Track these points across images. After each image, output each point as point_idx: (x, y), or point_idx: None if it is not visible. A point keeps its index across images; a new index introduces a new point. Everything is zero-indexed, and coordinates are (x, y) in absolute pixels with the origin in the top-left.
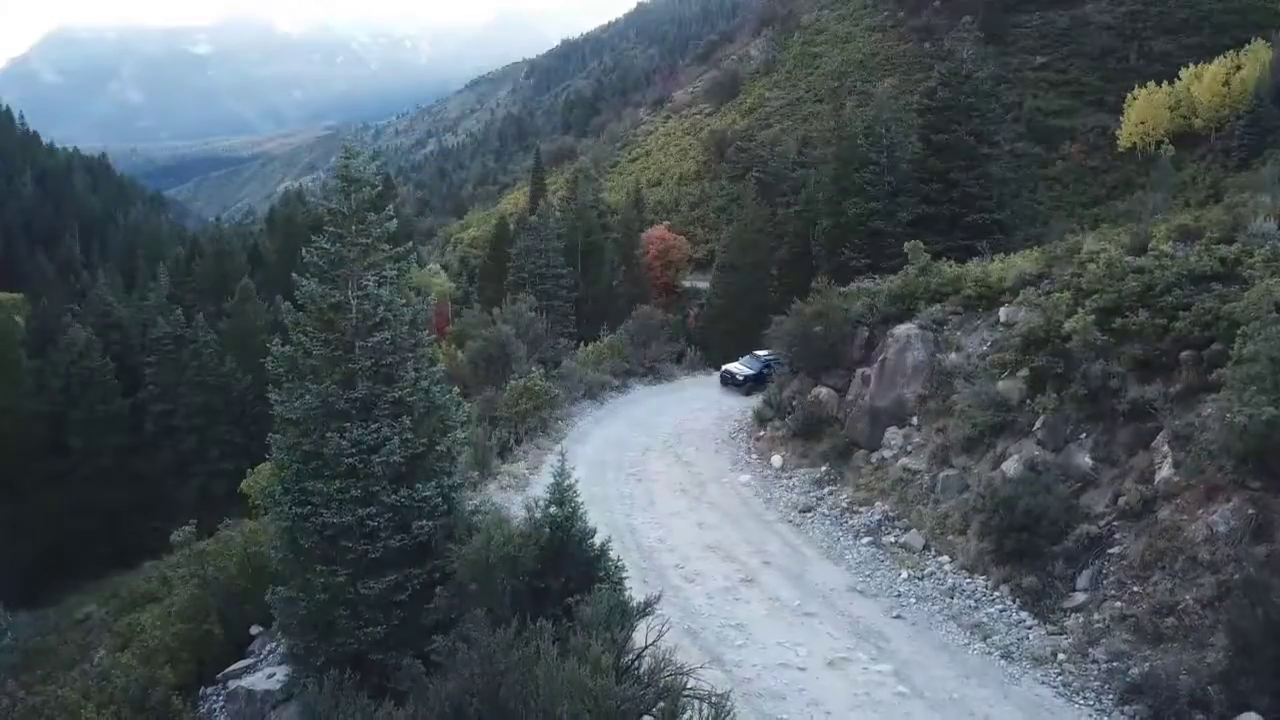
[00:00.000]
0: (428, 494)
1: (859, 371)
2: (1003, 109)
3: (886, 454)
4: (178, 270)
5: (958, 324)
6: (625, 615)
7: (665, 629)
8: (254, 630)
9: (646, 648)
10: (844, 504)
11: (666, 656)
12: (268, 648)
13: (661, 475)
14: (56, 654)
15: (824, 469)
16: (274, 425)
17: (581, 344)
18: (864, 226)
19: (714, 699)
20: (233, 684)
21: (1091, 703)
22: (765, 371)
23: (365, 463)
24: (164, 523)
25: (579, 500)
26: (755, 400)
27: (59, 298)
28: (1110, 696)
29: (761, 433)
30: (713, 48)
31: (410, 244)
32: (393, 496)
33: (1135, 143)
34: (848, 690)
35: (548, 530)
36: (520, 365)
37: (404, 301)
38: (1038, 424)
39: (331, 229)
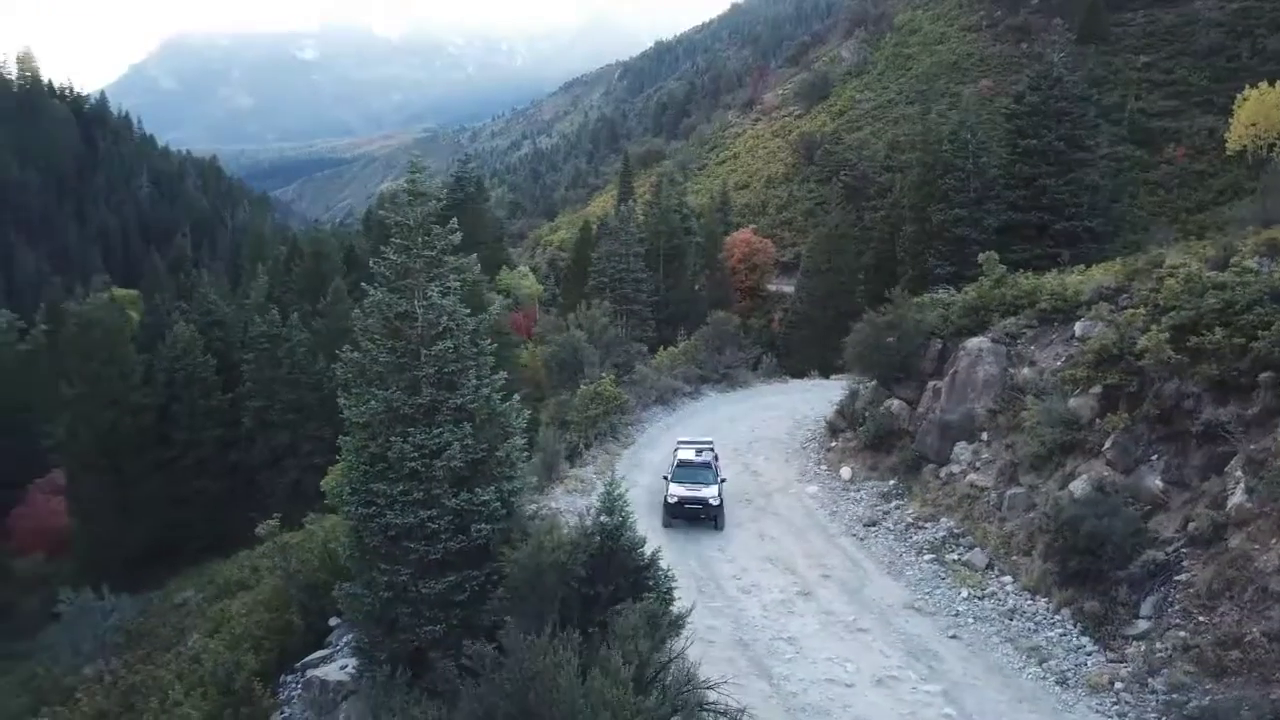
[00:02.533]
0: (486, 498)
1: (930, 384)
2: (1100, 112)
3: (955, 469)
4: (277, 270)
5: (1032, 338)
6: (655, 628)
7: (689, 643)
8: (332, 622)
9: (671, 660)
10: (909, 519)
11: (691, 670)
12: (344, 639)
13: (728, 484)
14: (156, 635)
15: (892, 482)
16: (344, 428)
17: (662, 348)
18: (949, 233)
19: (733, 715)
20: (310, 673)
21: None
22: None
23: (427, 466)
24: (258, 513)
25: (629, 510)
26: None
27: (170, 295)
28: None
29: (833, 443)
30: (804, 49)
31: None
32: (453, 500)
33: (1245, 145)
34: (894, 709)
35: (598, 538)
36: (593, 370)
37: (467, 311)
38: (1108, 443)
39: (398, 241)
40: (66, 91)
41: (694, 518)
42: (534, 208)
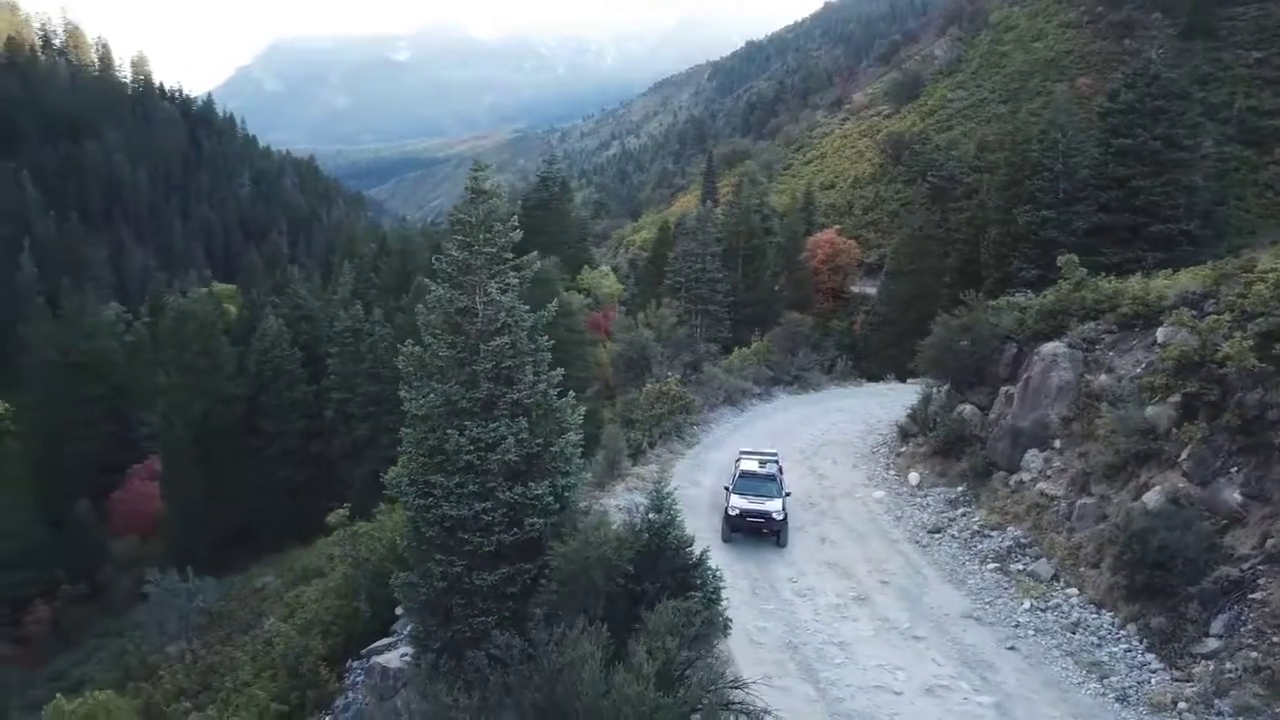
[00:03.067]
0: (540, 492)
1: (1003, 389)
2: (1205, 110)
3: (1025, 477)
4: (363, 267)
5: (1111, 343)
6: (688, 626)
7: (719, 642)
8: (398, 610)
9: (697, 659)
10: (975, 526)
11: (719, 669)
12: (407, 628)
13: (792, 487)
14: (236, 618)
15: (960, 489)
16: (405, 420)
17: (738, 348)
18: (1035, 236)
19: (757, 715)
20: (373, 659)
21: None
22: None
23: (482, 460)
24: (337, 503)
25: (677, 508)
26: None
27: (266, 290)
28: None
29: (903, 448)
30: (895, 48)
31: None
32: (507, 493)
33: None
34: None
35: (645, 535)
36: (660, 369)
37: (526, 308)
38: (1184, 454)
39: (460, 237)
40: (176, 94)
41: (755, 531)
42: (620, 208)
